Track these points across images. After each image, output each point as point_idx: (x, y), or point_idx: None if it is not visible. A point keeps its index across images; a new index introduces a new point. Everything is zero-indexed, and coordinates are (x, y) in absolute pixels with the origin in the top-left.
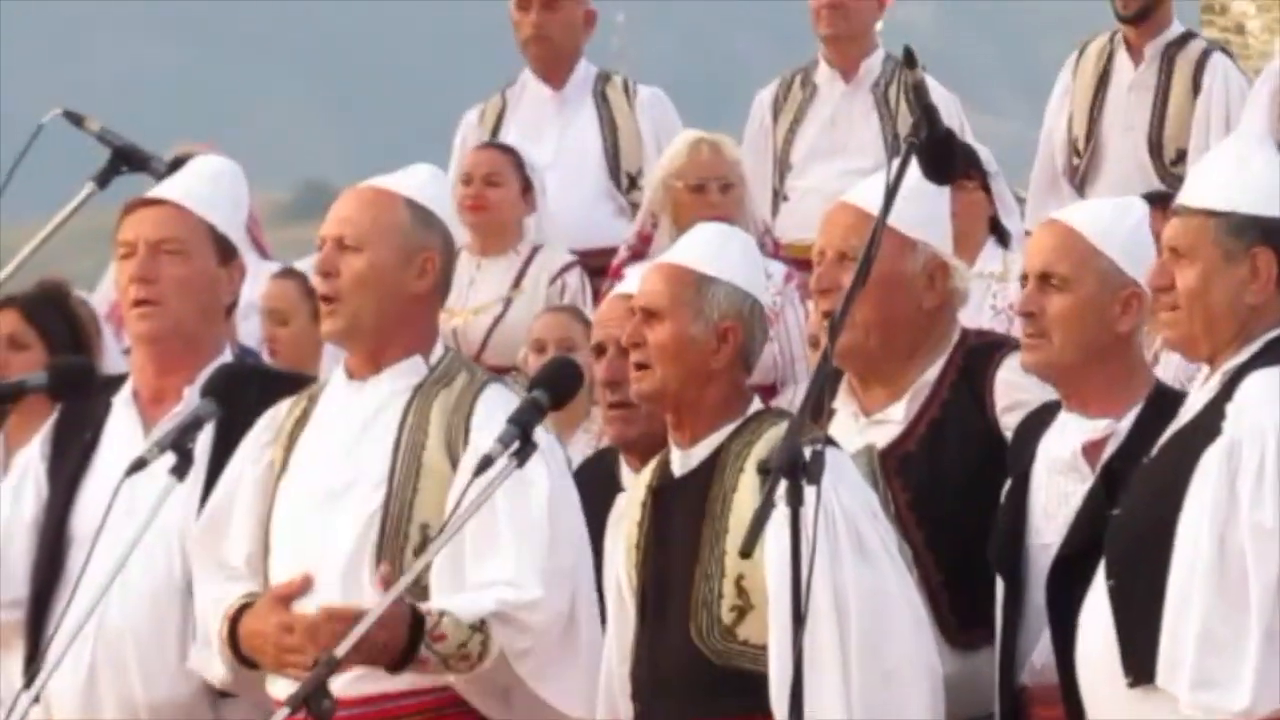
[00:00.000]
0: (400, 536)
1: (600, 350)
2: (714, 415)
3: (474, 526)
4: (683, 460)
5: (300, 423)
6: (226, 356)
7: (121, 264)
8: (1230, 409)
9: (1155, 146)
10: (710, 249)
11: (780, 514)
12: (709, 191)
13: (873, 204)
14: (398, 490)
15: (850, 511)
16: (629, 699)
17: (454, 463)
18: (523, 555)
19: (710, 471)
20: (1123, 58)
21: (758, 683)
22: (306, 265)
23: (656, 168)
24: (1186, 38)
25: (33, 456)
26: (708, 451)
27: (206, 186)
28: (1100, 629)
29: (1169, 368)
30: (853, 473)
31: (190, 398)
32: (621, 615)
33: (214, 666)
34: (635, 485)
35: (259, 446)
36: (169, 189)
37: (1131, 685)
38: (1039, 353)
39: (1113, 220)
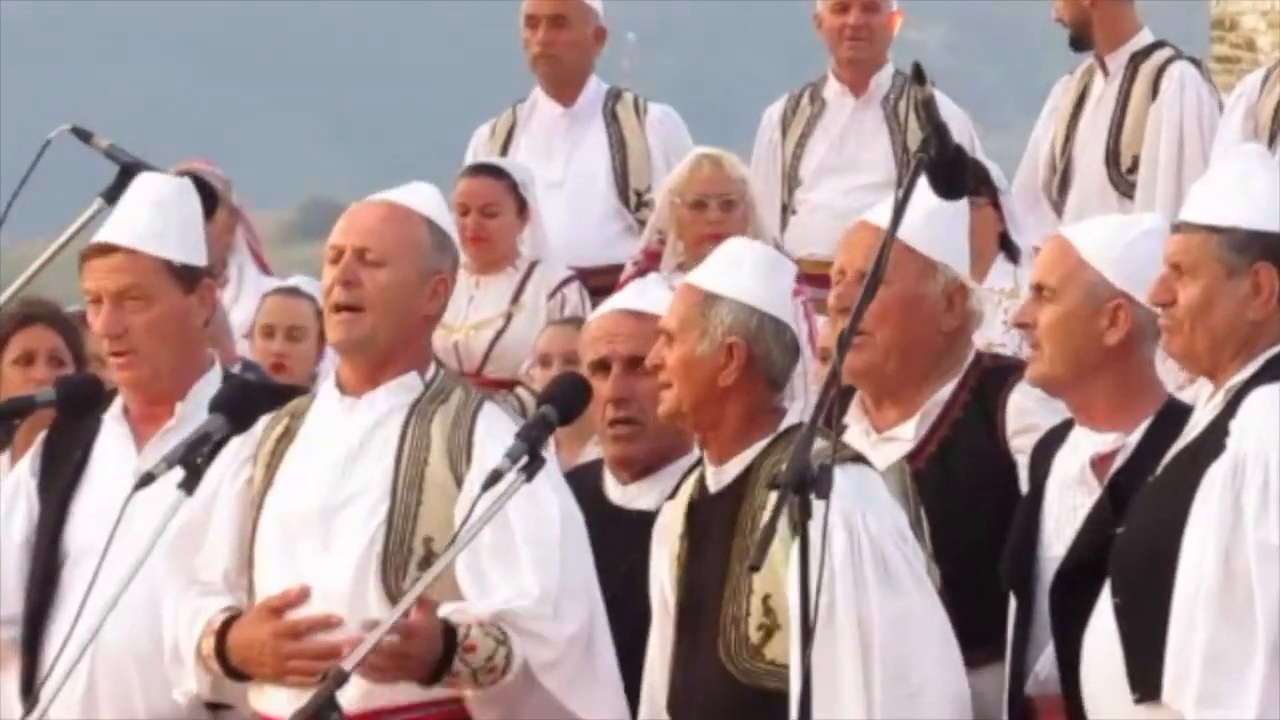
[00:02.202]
0: (405, 549)
1: (603, 366)
2: (741, 433)
3: (490, 542)
4: (716, 477)
5: (284, 439)
6: (215, 370)
7: (91, 309)
8: (1234, 426)
9: (1112, 155)
10: (720, 267)
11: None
12: (709, 208)
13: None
14: (401, 504)
15: (877, 538)
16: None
17: (458, 479)
18: (542, 574)
19: (742, 489)
20: (1098, 75)
21: (785, 702)
22: (311, 284)
23: (664, 183)
24: (1154, 47)
25: (23, 474)
26: (739, 468)
27: (155, 219)
28: (1107, 645)
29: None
30: (881, 493)
31: (183, 413)
32: (665, 623)
33: (184, 681)
34: (681, 493)
35: (237, 463)
36: (118, 232)
37: (1138, 702)
38: (1034, 366)
39: (1111, 234)
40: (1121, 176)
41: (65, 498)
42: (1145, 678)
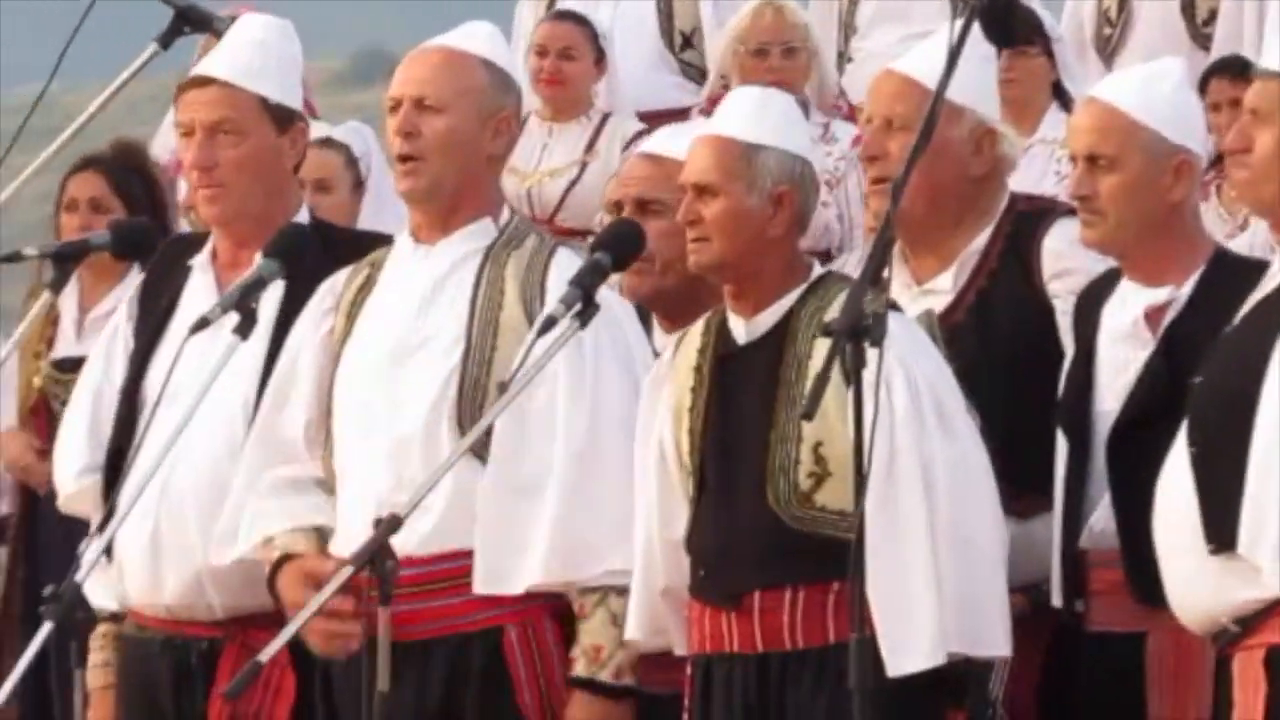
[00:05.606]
0: (479, 392)
1: (617, 208)
2: (778, 282)
3: (539, 405)
4: (747, 329)
5: (363, 289)
6: (304, 214)
7: (183, 142)
8: None
9: (1187, 7)
10: (752, 116)
11: (865, 381)
12: (771, 56)
13: (918, 70)
14: (475, 348)
15: (933, 382)
16: (683, 566)
17: (531, 321)
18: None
19: (781, 338)
20: None
21: (836, 548)
22: (344, 134)
23: (726, 30)
24: None
25: (120, 321)
26: (775, 318)
27: (255, 56)
28: (1181, 495)
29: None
30: (927, 341)
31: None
32: (664, 479)
33: (230, 555)
34: (683, 350)
35: (320, 314)
36: (216, 65)
37: (1213, 553)
38: (1097, 229)
39: (1150, 89)
40: (1198, 30)
41: (149, 345)
42: (1220, 528)
